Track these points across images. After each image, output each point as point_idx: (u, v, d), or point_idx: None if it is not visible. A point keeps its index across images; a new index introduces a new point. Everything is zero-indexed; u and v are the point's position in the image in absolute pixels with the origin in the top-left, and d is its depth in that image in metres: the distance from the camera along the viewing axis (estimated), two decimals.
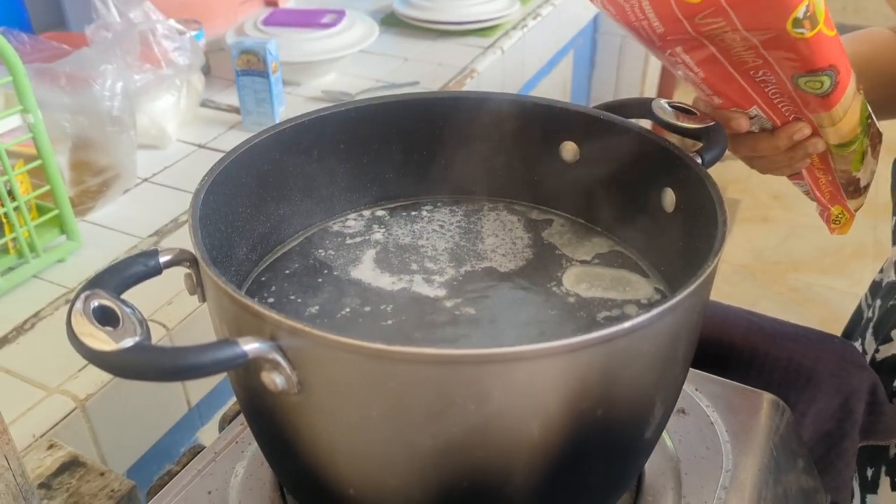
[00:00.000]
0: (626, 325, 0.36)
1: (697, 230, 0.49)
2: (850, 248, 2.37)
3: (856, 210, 0.68)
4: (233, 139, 1.12)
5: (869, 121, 0.60)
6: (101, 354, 0.34)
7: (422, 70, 1.32)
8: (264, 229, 0.55)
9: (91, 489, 0.66)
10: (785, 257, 2.42)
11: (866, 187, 0.66)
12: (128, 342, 0.34)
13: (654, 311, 0.37)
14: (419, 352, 0.35)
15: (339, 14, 1.31)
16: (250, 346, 0.36)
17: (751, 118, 0.59)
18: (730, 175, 2.77)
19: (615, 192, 0.58)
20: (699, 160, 0.52)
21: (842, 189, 0.65)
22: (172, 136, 1.11)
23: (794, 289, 2.29)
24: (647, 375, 0.40)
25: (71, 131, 0.94)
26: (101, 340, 0.35)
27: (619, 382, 0.39)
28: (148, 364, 0.34)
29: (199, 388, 0.86)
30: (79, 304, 0.36)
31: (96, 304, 0.36)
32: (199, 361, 0.35)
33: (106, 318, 0.36)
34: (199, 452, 0.60)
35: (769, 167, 0.64)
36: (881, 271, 0.84)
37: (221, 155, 0.50)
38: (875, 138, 0.62)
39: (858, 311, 0.88)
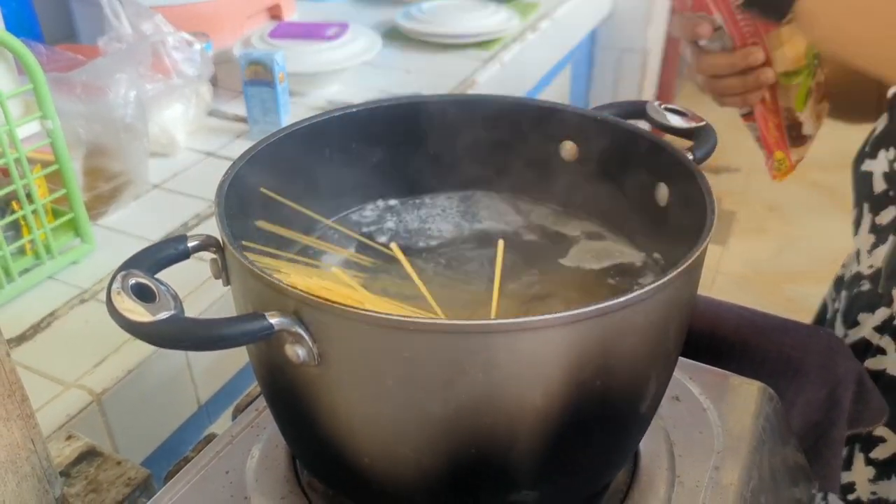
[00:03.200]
0: (622, 298, 0.39)
1: (689, 221, 0.52)
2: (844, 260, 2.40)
3: (797, 162, 0.77)
4: (240, 148, 1.15)
5: (816, 61, 0.69)
6: (140, 326, 0.37)
7: (423, 82, 1.36)
8: (280, 222, 0.59)
9: (108, 477, 0.69)
10: (780, 268, 2.46)
11: (808, 138, 0.75)
12: (164, 314, 0.37)
13: (648, 287, 0.40)
14: (432, 322, 0.38)
15: (343, 27, 1.35)
16: (276, 320, 0.39)
17: (715, 29, 0.66)
18: (726, 187, 2.81)
19: (612, 188, 0.61)
20: (690, 157, 0.55)
21: (786, 134, 0.72)
22: (181, 144, 1.14)
23: (789, 299, 2.32)
24: (642, 349, 0.43)
25: (85, 138, 0.98)
26: (139, 314, 0.38)
27: (616, 355, 0.42)
28: (184, 333, 0.37)
29: (209, 385, 0.89)
30: (117, 283, 0.39)
31: (133, 282, 0.39)
32: (231, 332, 0.38)
33: (142, 294, 0.39)
34: (213, 439, 0.63)
35: (726, 92, 0.73)
36: (843, 266, 0.88)
37: (229, 163, 0.53)
38: (820, 89, 0.72)
39: (823, 307, 0.92)
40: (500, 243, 0.48)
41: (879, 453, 0.76)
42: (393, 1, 1.70)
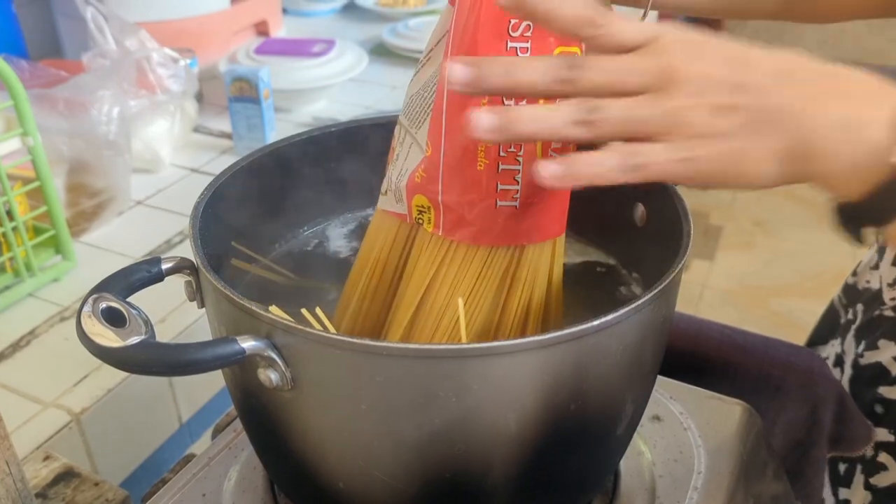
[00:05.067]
0: (595, 322, 0.39)
1: (667, 242, 0.52)
2: (830, 273, 2.42)
3: None
4: (225, 164, 1.14)
5: None
6: (109, 351, 0.37)
7: None
8: (257, 241, 0.59)
9: (86, 498, 0.68)
10: (767, 282, 2.47)
11: None
12: (134, 339, 0.37)
13: (621, 311, 0.40)
14: (403, 346, 0.38)
15: (330, 43, 1.35)
16: (248, 344, 0.39)
17: None
18: (713, 202, 2.83)
19: (589, 208, 0.61)
20: None
21: None
22: (166, 160, 1.14)
23: (775, 313, 2.33)
24: (617, 372, 0.43)
25: (68, 154, 0.97)
26: (109, 338, 0.37)
27: (590, 378, 0.42)
28: (153, 359, 0.37)
29: (191, 404, 0.88)
30: (88, 307, 0.39)
31: (104, 305, 0.39)
32: (201, 357, 0.37)
33: (113, 318, 0.39)
34: (191, 460, 0.62)
35: None
36: (854, 274, 0.86)
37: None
38: None
39: (832, 312, 0.89)
40: (460, 302, 0.47)
41: (879, 480, 0.74)
42: (380, 17, 1.71)
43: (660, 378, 0.66)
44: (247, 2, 1.42)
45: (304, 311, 0.47)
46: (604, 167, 0.38)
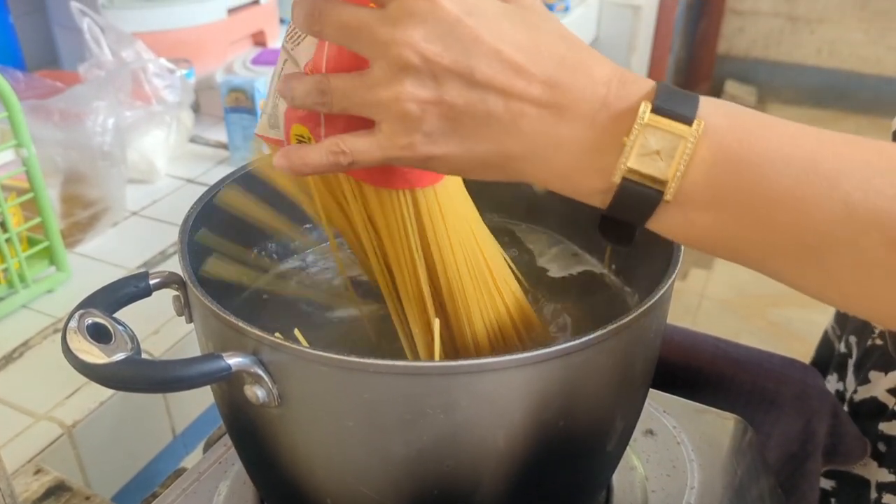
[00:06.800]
0: (583, 339, 0.39)
1: (658, 257, 0.52)
2: None
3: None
4: (220, 174, 1.15)
5: None
6: (93, 367, 0.37)
7: None
8: (248, 257, 0.58)
9: None
10: (765, 292, 2.46)
11: None
12: (119, 356, 0.37)
13: (609, 328, 0.40)
14: (390, 364, 0.37)
15: None
16: (234, 360, 0.39)
17: None
18: None
19: (584, 221, 0.61)
20: None
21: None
22: (161, 170, 1.14)
23: (774, 323, 2.33)
24: (606, 388, 0.43)
25: (63, 165, 0.97)
26: (93, 355, 0.37)
27: (579, 394, 0.42)
28: (137, 375, 0.37)
29: (185, 416, 0.88)
30: (73, 322, 0.39)
31: (90, 321, 0.39)
32: (186, 374, 0.37)
33: (99, 334, 0.39)
34: (182, 475, 0.62)
35: None
36: None
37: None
38: None
39: (827, 344, 0.87)
40: (436, 323, 0.46)
41: None
42: None
43: (653, 391, 0.66)
44: (244, 12, 1.42)
45: (296, 331, 0.47)
46: (312, 157, 0.38)
